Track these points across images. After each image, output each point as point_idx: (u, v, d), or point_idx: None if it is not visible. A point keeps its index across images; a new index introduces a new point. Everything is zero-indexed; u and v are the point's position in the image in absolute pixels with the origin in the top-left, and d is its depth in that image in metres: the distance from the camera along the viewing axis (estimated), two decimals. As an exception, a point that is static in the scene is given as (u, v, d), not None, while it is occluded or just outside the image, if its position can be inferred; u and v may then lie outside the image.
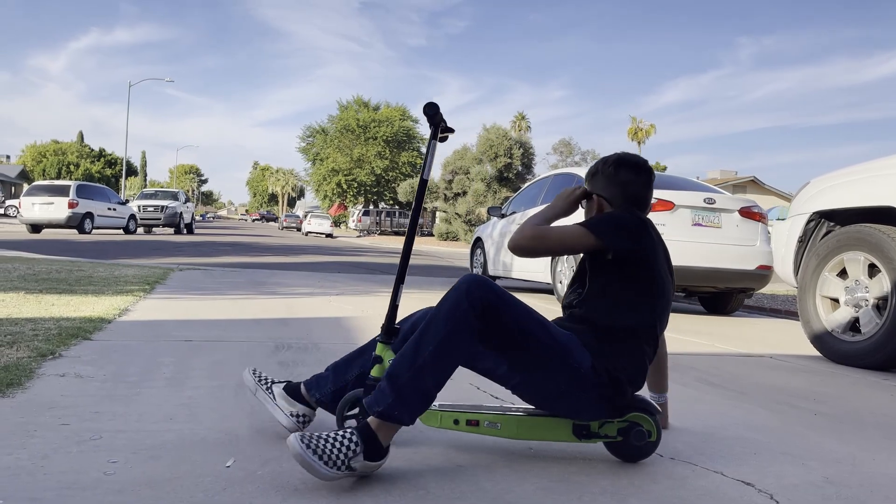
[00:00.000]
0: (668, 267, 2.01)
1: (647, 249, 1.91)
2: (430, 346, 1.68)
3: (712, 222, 6.27)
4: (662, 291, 1.93)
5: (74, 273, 6.51)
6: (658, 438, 1.89)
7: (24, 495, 1.47)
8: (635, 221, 1.93)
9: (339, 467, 1.58)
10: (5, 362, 2.61)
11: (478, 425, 1.87)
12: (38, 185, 18.93)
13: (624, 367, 1.83)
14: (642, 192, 2.06)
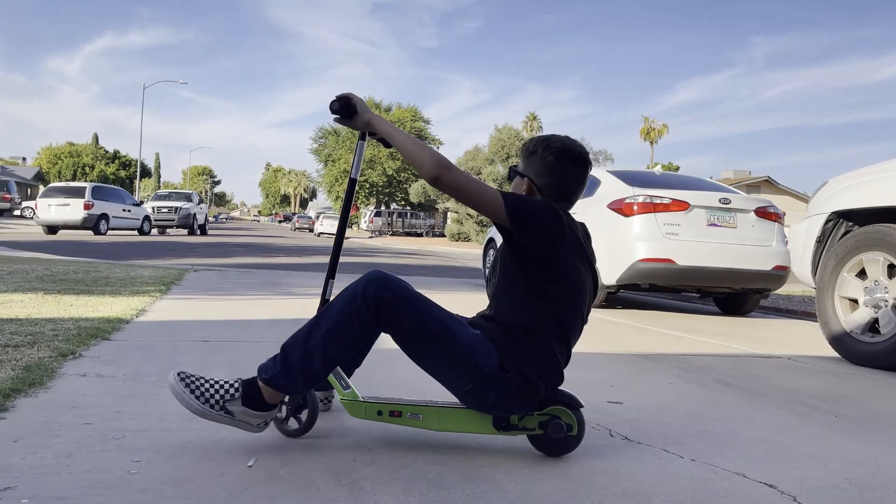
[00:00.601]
0: (586, 265, 1.93)
1: (555, 246, 1.82)
2: (321, 332, 1.79)
3: (728, 222, 6.23)
4: (571, 292, 1.87)
5: (91, 274, 6.57)
6: (580, 432, 1.90)
7: (50, 494, 1.48)
8: (550, 215, 1.82)
9: (211, 405, 1.76)
10: (27, 362, 2.63)
11: (401, 416, 1.91)
12: (54, 187, 19.11)
13: (533, 364, 1.82)
14: (575, 187, 1.98)
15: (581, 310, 1.92)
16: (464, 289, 8.16)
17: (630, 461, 1.92)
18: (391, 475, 1.70)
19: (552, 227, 1.81)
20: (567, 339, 1.91)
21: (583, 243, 1.92)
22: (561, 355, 1.88)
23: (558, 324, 1.86)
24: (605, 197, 6.49)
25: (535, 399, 1.85)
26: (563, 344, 1.89)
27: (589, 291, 1.95)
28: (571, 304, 1.89)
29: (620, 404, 2.62)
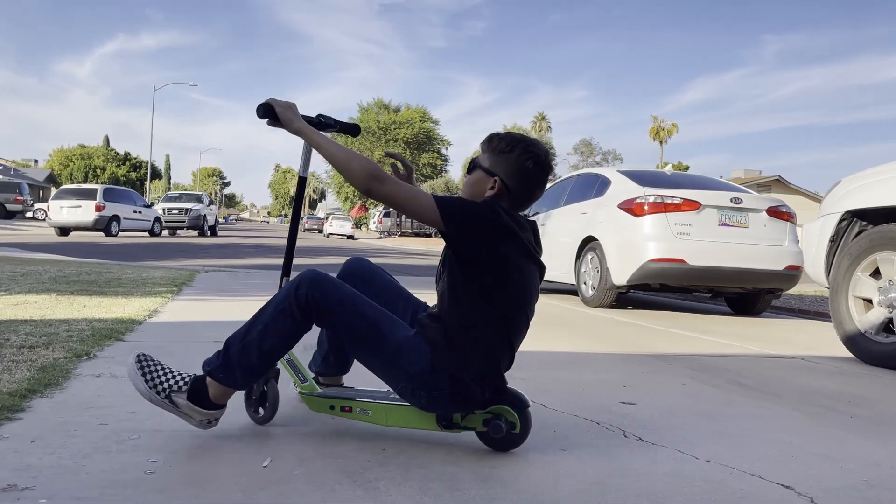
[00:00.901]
0: (532, 264, 1.90)
1: (496, 250, 1.80)
2: (258, 328, 1.87)
3: (739, 222, 6.20)
4: (514, 295, 1.86)
5: (104, 275, 6.61)
6: (524, 431, 1.90)
7: (68, 494, 1.49)
8: (489, 219, 1.79)
9: (158, 392, 1.84)
10: (42, 363, 2.65)
11: (351, 411, 1.99)
12: (66, 189, 19.25)
13: (471, 366, 1.82)
14: (540, 192, 1.97)
15: (526, 311, 1.92)
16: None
17: (645, 462, 1.92)
18: (405, 476, 1.70)
19: (492, 230, 1.79)
20: (510, 340, 1.90)
21: (525, 242, 1.87)
22: (503, 357, 1.89)
23: (502, 326, 1.86)
24: (616, 197, 6.48)
25: (471, 400, 1.85)
26: (506, 346, 1.89)
27: (536, 290, 1.95)
28: (515, 306, 1.88)
29: (633, 405, 2.61)
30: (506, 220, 1.80)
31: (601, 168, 7.84)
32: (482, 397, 1.86)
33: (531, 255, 1.89)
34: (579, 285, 6.80)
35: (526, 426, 1.91)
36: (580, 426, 2.27)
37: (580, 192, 7.38)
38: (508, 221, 1.81)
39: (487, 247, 1.79)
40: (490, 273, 1.82)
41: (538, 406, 2.51)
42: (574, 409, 2.48)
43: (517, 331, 1.91)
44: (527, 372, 3.14)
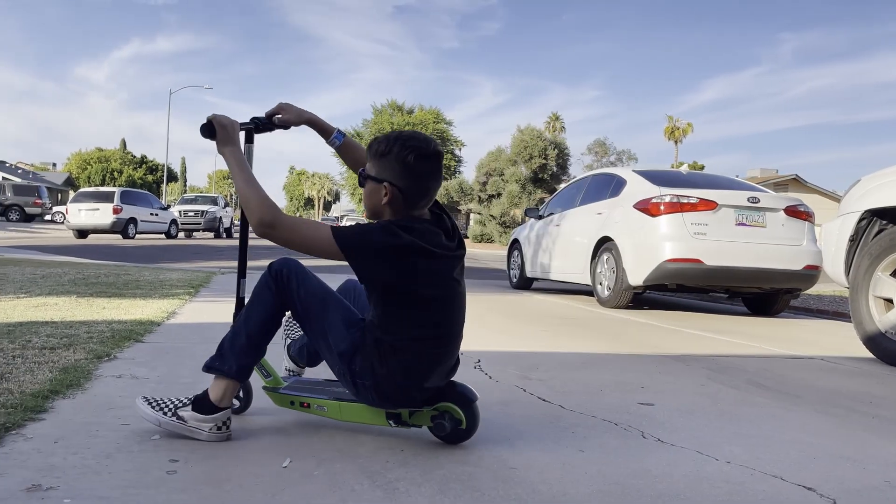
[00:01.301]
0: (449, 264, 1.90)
1: (403, 269, 1.80)
2: (243, 313, 2.01)
3: (757, 221, 6.15)
4: (433, 305, 1.87)
5: (122, 277, 6.67)
6: (470, 426, 1.95)
7: (92, 494, 1.50)
8: (387, 244, 1.77)
9: (165, 413, 1.92)
10: (64, 364, 2.68)
11: (309, 407, 2.08)
12: (84, 192, 19.44)
13: (398, 372, 1.85)
14: (435, 183, 1.91)
15: (451, 314, 1.92)
16: (487, 290, 8.16)
17: (664, 463, 1.91)
18: (425, 476, 1.71)
19: (393, 253, 1.78)
20: (440, 346, 1.90)
21: (432, 247, 1.83)
22: (435, 361, 1.89)
23: (426, 336, 1.86)
24: (631, 197, 6.45)
25: (404, 399, 1.90)
26: (437, 350, 1.89)
27: (456, 291, 1.93)
28: (437, 312, 1.88)
29: (652, 406, 2.60)
30: (405, 239, 1.78)
31: (616, 168, 7.80)
32: (407, 399, 1.90)
33: (442, 256, 1.87)
34: (595, 286, 6.77)
35: (472, 421, 1.95)
36: (598, 427, 2.26)
37: (595, 193, 7.36)
38: (408, 240, 1.78)
39: (393, 270, 1.80)
40: (402, 293, 1.84)
41: (556, 406, 2.50)
42: (592, 410, 2.47)
43: (448, 336, 1.92)
44: (544, 373, 3.13)
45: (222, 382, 1.94)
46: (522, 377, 3.00)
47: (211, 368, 1.95)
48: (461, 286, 1.96)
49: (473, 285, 8.81)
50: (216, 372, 1.94)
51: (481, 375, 3.01)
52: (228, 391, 1.94)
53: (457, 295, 1.93)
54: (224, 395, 1.93)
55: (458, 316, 1.95)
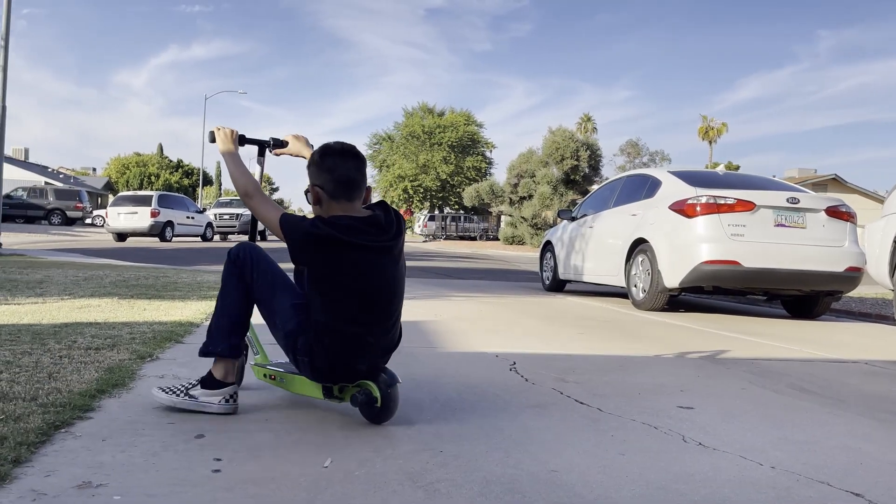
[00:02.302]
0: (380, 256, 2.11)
1: (329, 260, 2.05)
2: (219, 300, 2.27)
3: (796, 222, 6.02)
4: (357, 295, 2.07)
5: (161, 279, 6.80)
6: (385, 405, 2.12)
7: (141, 491, 1.54)
8: (311, 234, 2.03)
9: (176, 394, 2.20)
10: (109, 364, 2.75)
11: (275, 379, 2.36)
12: (123, 196, 19.87)
13: (322, 353, 2.08)
14: (351, 175, 2.13)
15: (378, 301, 2.12)
16: (520, 293, 8.13)
17: (707, 468, 1.88)
18: (465, 478, 1.71)
19: (315, 243, 2.04)
20: (368, 331, 2.11)
21: (353, 242, 2.05)
22: (363, 344, 2.10)
23: (353, 321, 2.08)
24: (667, 198, 6.37)
25: (334, 376, 2.14)
26: (364, 334, 2.10)
27: (384, 279, 2.13)
28: (362, 299, 2.09)
29: (692, 409, 2.56)
30: (324, 231, 2.03)
31: (650, 169, 7.72)
32: (336, 376, 2.14)
33: (362, 247, 2.07)
34: (629, 288, 6.70)
35: (387, 401, 2.12)
36: (638, 430, 2.24)
37: (629, 194, 7.28)
38: (327, 232, 2.03)
39: (316, 258, 2.07)
40: (327, 281, 2.08)
41: (594, 409, 2.49)
42: (631, 413, 2.45)
43: (373, 323, 2.12)
44: (580, 375, 3.11)
45: (221, 362, 2.20)
46: (559, 380, 2.99)
47: (206, 353, 2.22)
48: (392, 275, 2.15)
49: (505, 288, 8.79)
50: (211, 355, 2.21)
51: (517, 378, 3.00)
52: (229, 368, 2.21)
53: (385, 284, 2.13)
54: (226, 372, 2.21)
55: (387, 303, 2.15)
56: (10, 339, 3.20)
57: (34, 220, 28.77)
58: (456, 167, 49.80)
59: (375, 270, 2.10)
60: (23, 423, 1.90)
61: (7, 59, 10.90)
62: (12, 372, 2.52)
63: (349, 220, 2.08)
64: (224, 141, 2.36)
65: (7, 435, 1.78)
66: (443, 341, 3.97)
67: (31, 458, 1.68)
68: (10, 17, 10.97)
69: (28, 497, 1.47)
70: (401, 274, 2.19)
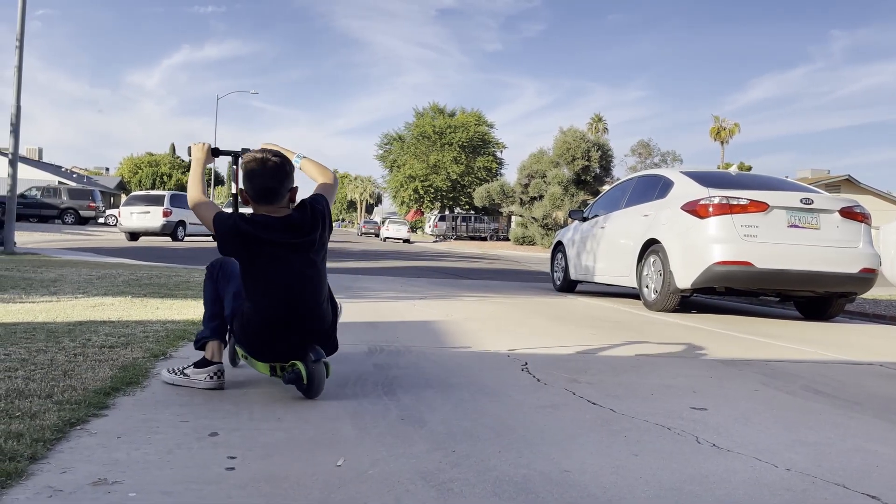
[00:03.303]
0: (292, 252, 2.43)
1: (246, 254, 2.42)
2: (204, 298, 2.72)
3: (810, 223, 5.98)
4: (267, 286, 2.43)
5: (173, 278, 6.84)
6: (310, 380, 2.38)
7: (155, 488, 1.55)
8: (231, 228, 2.41)
9: (174, 373, 2.56)
10: (123, 362, 2.77)
11: (246, 359, 2.62)
12: (135, 196, 20.00)
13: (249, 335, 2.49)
14: (269, 183, 2.45)
15: (287, 289, 2.43)
16: (530, 293, 8.12)
17: (721, 469, 1.87)
18: (478, 477, 1.71)
19: (236, 238, 2.40)
20: (280, 315, 2.42)
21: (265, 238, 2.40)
22: (278, 326, 2.42)
23: (266, 305, 2.43)
24: (679, 198, 6.34)
25: (261, 354, 2.49)
26: (277, 318, 2.42)
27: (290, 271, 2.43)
28: (272, 286, 2.43)
29: (705, 410, 2.55)
30: (243, 228, 2.40)
31: (662, 169, 7.68)
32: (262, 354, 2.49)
33: (271, 242, 2.40)
34: (641, 289, 6.68)
35: (311, 377, 2.38)
36: (651, 431, 2.23)
37: (641, 194, 7.26)
38: (246, 228, 2.40)
39: (243, 251, 2.42)
40: (248, 272, 2.45)
41: (606, 410, 2.48)
42: (643, 414, 2.44)
43: (279, 311, 2.43)
44: (592, 376, 3.10)
45: (209, 344, 2.56)
46: (571, 380, 2.98)
47: (197, 341, 2.63)
48: (301, 268, 2.45)
49: (516, 288, 8.78)
50: (200, 342, 2.61)
51: (529, 378, 3.00)
52: (215, 349, 2.56)
53: (294, 276, 2.44)
54: (213, 353, 2.56)
55: (299, 292, 2.45)
56: (25, 336, 3.23)
57: (48, 219, 29.00)
58: (466, 167, 49.79)
59: (285, 264, 2.42)
60: (39, 420, 1.91)
61: (22, 60, 11.00)
62: (28, 369, 2.54)
63: (265, 219, 2.44)
64: (196, 152, 2.76)
65: (23, 432, 1.80)
66: (454, 341, 3.97)
67: (46, 455, 1.70)
68: (24, 17, 11.06)
69: (44, 493, 1.48)
70: (314, 267, 2.48)
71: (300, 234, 2.44)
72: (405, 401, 2.47)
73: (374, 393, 2.58)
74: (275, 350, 2.45)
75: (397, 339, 3.88)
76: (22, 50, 11.01)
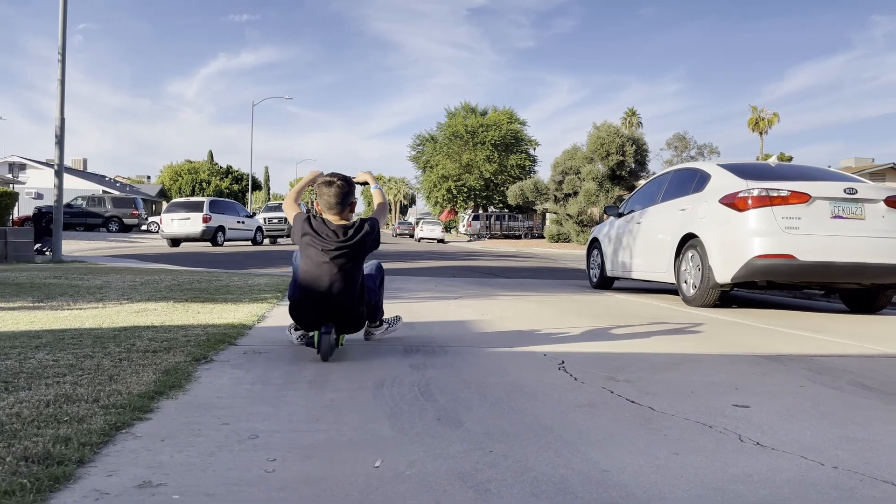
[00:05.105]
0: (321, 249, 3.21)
1: (299, 242, 3.29)
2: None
3: (855, 214, 5.81)
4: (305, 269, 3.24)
5: (213, 283, 6.96)
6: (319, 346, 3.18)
7: (199, 490, 1.58)
8: (298, 226, 3.31)
9: (288, 331, 3.47)
10: (165, 367, 2.83)
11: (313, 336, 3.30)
12: (176, 203, 20.43)
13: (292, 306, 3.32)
14: (331, 200, 3.31)
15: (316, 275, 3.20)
16: (566, 290, 8.06)
17: (765, 468, 1.83)
18: (516, 478, 1.70)
19: (299, 227, 3.29)
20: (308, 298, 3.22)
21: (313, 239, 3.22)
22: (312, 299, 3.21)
23: (302, 290, 3.24)
24: (716, 191, 6.23)
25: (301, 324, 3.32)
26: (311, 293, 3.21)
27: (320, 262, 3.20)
28: (305, 276, 3.23)
29: (748, 408, 2.50)
30: (304, 227, 3.27)
31: (699, 162, 7.55)
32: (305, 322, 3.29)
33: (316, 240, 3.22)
34: (679, 284, 6.57)
35: (320, 343, 3.17)
36: (691, 429, 2.20)
37: (677, 188, 7.14)
38: (306, 228, 3.26)
39: (299, 240, 3.28)
40: (300, 256, 3.33)
41: (645, 408, 2.45)
42: (684, 412, 2.40)
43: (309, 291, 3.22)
44: (630, 374, 3.07)
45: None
46: (609, 378, 2.95)
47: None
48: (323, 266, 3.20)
49: (552, 286, 8.72)
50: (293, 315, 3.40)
51: (566, 377, 2.98)
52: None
53: (318, 270, 3.21)
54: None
55: (321, 283, 3.19)
56: (73, 342, 3.32)
57: (93, 227, 29.80)
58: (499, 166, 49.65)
59: (314, 259, 3.22)
60: (86, 425, 1.97)
61: (64, 73, 11.32)
62: (75, 375, 2.61)
63: (321, 225, 3.26)
64: (308, 175, 3.66)
65: (71, 436, 1.85)
66: (490, 341, 3.97)
67: (93, 459, 1.74)
68: (65, 32, 11.38)
69: (91, 497, 1.52)
70: (334, 269, 3.19)
71: (336, 243, 3.21)
72: (442, 401, 2.48)
73: (410, 394, 2.59)
74: (303, 320, 3.27)
75: (433, 340, 3.89)
76: (64, 63, 11.33)
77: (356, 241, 3.23)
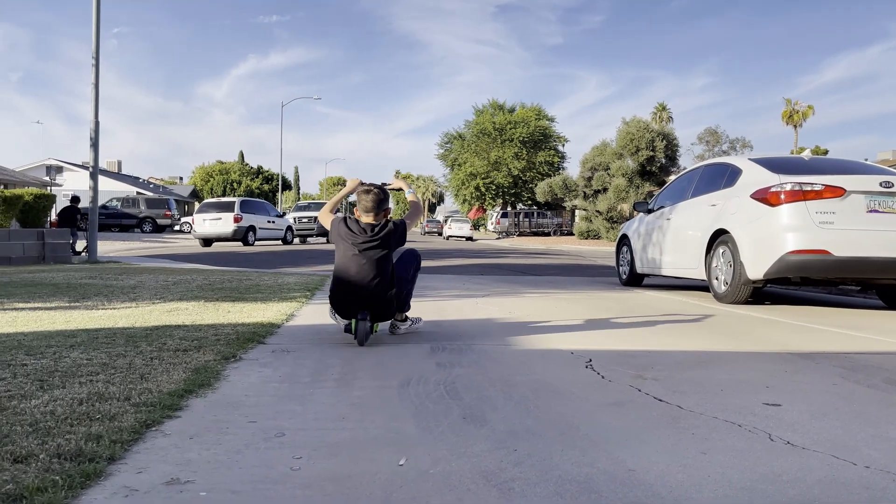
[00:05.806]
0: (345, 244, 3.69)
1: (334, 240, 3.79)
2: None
3: (891, 208, 5.66)
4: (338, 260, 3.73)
5: (244, 282, 7.06)
6: (355, 331, 3.60)
7: (225, 487, 1.60)
8: (333, 227, 3.81)
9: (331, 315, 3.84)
10: (195, 365, 2.87)
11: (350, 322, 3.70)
12: (208, 203, 20.74)
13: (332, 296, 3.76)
14: (368, 205, 3.73)
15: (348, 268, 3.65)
16: (595, 287, 7.99)
17: (795, 467, 1.80)
18: (540, 477, 1.69)
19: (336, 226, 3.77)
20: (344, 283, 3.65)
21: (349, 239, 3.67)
22: (344, 290, 3.65)
23: (336, 282, 3.70)
24: (748, 186, 6.12)
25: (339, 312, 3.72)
26: (343, 284, 3.66)
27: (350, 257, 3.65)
28: (339, 267, 3.70)
29: (779, 406, 2.45)
30: (340, 228, 3.73)
31: (730, 157, 7.43)
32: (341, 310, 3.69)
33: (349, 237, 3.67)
34: (710, 280, 6.48)
35: (357, 330, 3.59)
36: (720, 428, 2.16)
37: (708, 183, 7.04)
38: (342, 227, 3.72)
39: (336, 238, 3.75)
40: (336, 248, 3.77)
41: (673, 407, 2.42)
42: (713, 411, 2.37)
43: (341, 281, 3.67)
44: (659, 372, 3.03)
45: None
46: (636, 377, 2.92)
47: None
48: (352, 259, 3.64)
49: (580, 283, 8.66)
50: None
51: (593, 375, 2.96)
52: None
53: (349, 263, 3.65)
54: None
55: (350, 274, 3.63)
56: (106, 342, 3.39)
57: (128, 228, 30.42)
58: (528, 163, 49.42)
59: (345, 252, 3.68)
60: (117, 422, 2.01)
61: (98, 77, 11.56)
62: (108, 373, 2.67)
63: (355, 223, 3.72)
64: (350, 183, 4.25)
65: (102, 434, 1.89)
66: (517, 339, 3.96)
67: (124, 456, 1.78)
68: (99, 36, 11.62)
69: (121, 493, 1.55)
70: (363, 260, 3.62)
71: (363, 239, 3.66)
72: (467, 399, 2.48)
73: (436, 392, 2.59)
74: (343, 309, 3.68)
75: (459, 338, 3.89)
76: (98, 67, 11.56)
77: (382, 236, 3.67)
